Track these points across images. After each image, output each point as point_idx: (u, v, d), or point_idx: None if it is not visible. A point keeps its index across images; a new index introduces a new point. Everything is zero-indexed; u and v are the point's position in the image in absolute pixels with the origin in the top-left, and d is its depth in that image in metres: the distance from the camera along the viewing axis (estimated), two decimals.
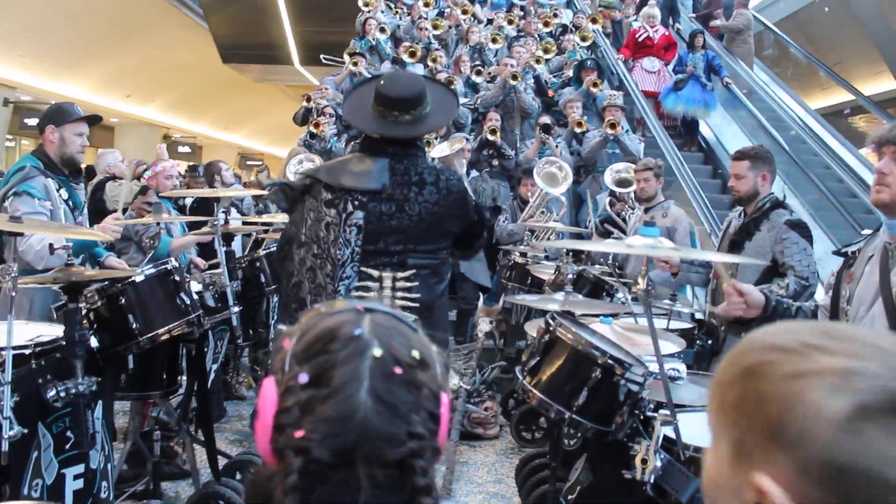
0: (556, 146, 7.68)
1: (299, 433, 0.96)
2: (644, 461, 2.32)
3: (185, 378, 3.94)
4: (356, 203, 2.87)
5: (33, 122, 19.65)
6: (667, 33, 10.44)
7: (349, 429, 0.95)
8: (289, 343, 1.04)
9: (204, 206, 6.12)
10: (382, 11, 11.43)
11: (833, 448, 0.74)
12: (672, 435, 2.37)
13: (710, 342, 4.04)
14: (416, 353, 1.03)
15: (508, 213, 6.86)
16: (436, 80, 4.18)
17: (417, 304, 2.85)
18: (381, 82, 2.97)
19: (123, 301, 3.07)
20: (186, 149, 28.11)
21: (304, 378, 0.99)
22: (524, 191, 6.94)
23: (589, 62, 9.21)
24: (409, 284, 2.88)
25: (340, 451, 0.95)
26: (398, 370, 1.00)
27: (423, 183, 2.91)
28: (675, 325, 3.96)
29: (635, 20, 11.27)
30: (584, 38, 10.16)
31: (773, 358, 0.81)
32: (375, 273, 2.88)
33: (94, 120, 4.13)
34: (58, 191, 3.82)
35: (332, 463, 0.96)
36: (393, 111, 2.89)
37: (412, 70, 9.48)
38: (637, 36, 10.26)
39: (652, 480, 2.32)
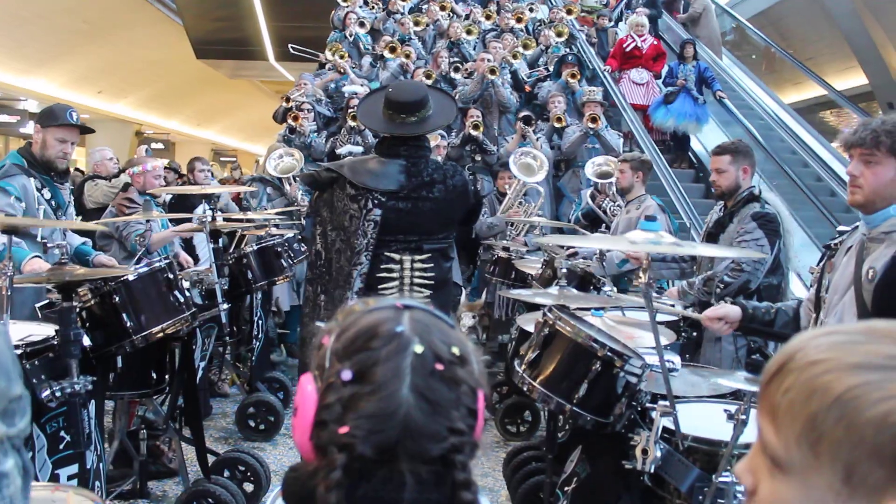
0: (537, 139, 7.71)
1: (343, 429, 0.97)
2: (644, 451, 2.35)
3: (171, 376, 3.92)
4: (375, 202, 3.32)
5: (2, 118, 19.39)
6: (655, 43, 10.02)
7: (392, 425, 0.96)
8: (328, 340, 1.04)
9: (183, 204, 6.07)
10: (360, 7, 11.39)
11: None
12: (671, 426, 2.40)
13: (694, 333, 4.09)
14: (455, 350, 1.04)
15: (487, 207, 6.89)
16: (437, 88, 4.90)
17: (432, 282, 3.41)
18: (390, 90, 3.45)
19: (117, 299, 3.04)
20: (159, 145, 27.83)
21: (347, 374, 0.99)
22: (501, 184, 6.96)
23: (570, 57, 9.23)
24: (425, 266, 3.41)
25: (384, 447, 0.96)
26: (439, 366, 1.01)
27: (433, 182, 3.37)
28: (660, 317, 3.99)
29: (612, 26, 11.14)
30: (559, 34, 10.19)
31: (866, 379, 0.78)
32: (397, 256, 3.39)
33: (85, 130, 4.05)
34: (40, 190, 3.76)
35: (376, 459, 0.96)
36: (401, 114, 3.33)
37: (392, 64, 9.51)
38: (625, 46, 9.85)
39: (652, 470, 2.35)
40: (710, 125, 9.59)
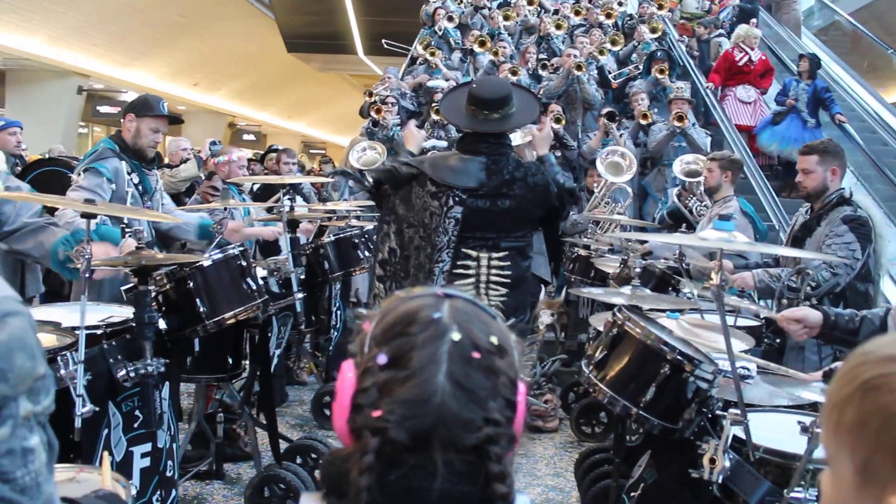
0: (620, 135, 7.57)
1: (377, 413, 0.96)
2: (712, 461, 2.26)
3: (248, 362, 4.00)
4: (456, 199, 3.33)
5: (105, 109, 20.21)
6: (763, 57, 9.09)
7: (426, 411, 0.95)
8: (369, 326, 1.04)
9: (266, 194, 6.21)
10: (450, 1, 11.43)
11: None
12: (742, 435, 2.31)
13: (777, 340, 3.94)
14: (494, 339, 1.02)
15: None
16: (521, 86, 4.67)
17: (509, 280, 3.39)
18: (474, 85, 3.45)
19: (191, 284, 3.11)
20: (251, 137, 28.54)
21: (382, 359, 0.99)
22: (590, 181, 6.86)
23: (660, 53, 9.01)
24: (502, 263, 3.39)
25: (417, 433, 0.95)
26: (476, 355, 0.99)
27: (513, 180, 3.35)
28: (742, 322, 3.86)
29: (718, 35, 10.26)
30: (653, 30, 9.91)
31: (893, 370, 0.76)
32: (474, 253, 3.39)
33: (174, 120, 4.20)
34: (129, 175, 3.89)
35: (409, 445, 0.95)
36: (483, 110, 3.33)
37: (482, 59, 9.50)
38: (736, 60, 8.87)
39: (720, 481, 2.26)
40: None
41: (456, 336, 0.99)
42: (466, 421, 0.96)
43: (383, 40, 12.99)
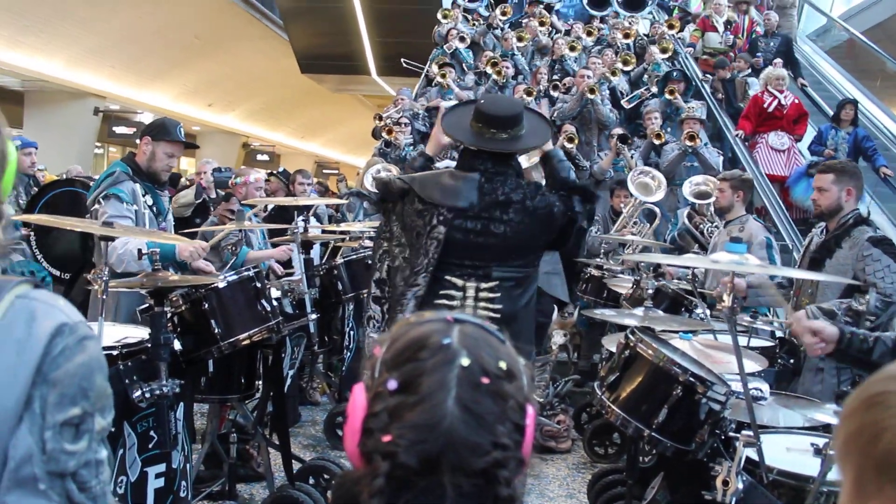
0: (632, 157, 7.58)
1: (387, 437, 0.97)
2: (725, 483, 2.26)
3: (261, 383, 4.02)
4: (441, 218, 2.97)
5: (121, 130, 20.40)
6: (796, 101, 8.35)
7: (435, 436, 0.96)
8: (379, 350, 1.06)
9: (281, 215, 6.24)
10: (462, 22, 11.53)
11: None
12: (755, 457, 2.31)
13: (791, 361, 3.93)
14: (503, 364, 1.03)
15: (600, 224, 6.78)
16: (533, 109, 4.32)
17: (499, 315, 2.89)
18: (482, 102, 3.13)
19: (206, 306, 3.15)
20: (265, 157, 28.70)
21: (393, 384, 1.00)
22: (617, 202, 6.84)
23: (675, 73, 9.01)
24: (491, 295, 2.95)
25: (426, 457, 0.96)
26: (485, 380, 1.00)
27: (509, 202, 2.98)
28: (755, 342, 3.85)
29: (746, 75, 9.76)
30: (664, 51, 9.91)
31: (894, 387, 0.77)
32: (459, 282, 2.97)
33: (190, 145, 4.23)
34: (143, 196, 3.93)
35: (418, 469, 0.96)
36: (491, 128, 3.01)
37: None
38: (764, 105, 8.23)
39: (733, 503, 2.26)
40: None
41: (465, 361, 1.00)
42: (475, 445, 0.97)
43: (402, 59, 13.07)
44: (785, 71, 8.72)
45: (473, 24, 11.91)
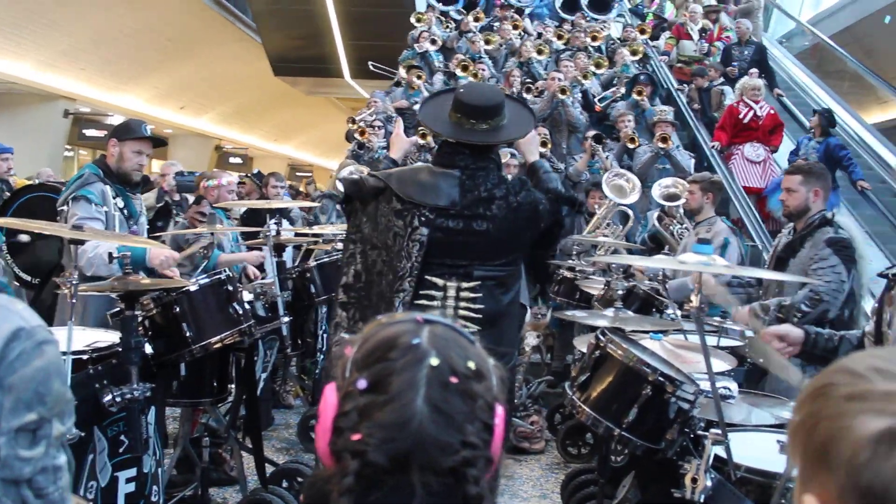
0: (606, 158, 7.63)
1: (356, 436, 0.99)
2: (694, 480, 2.29)
3: (234, 386, 4.00)
4: (423, 219, 2.87)
5: (92, 132, 20.19)
6: (772, 111, 8.24)
7: (405, 435, 0.97)
8: (350, 350, 1.07)
9: (254, 218, 6.21)
10: (435, 25, 11.55)
11: (865, 471, 0.73)
12: (723, 454, 2.34)
13: (760, 360, 3.97)
14: (472, 364, 1.04)
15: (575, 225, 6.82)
16: (514, 97, 4.17)
17: (480, 315, 2.85)
18: (461, 90, 3.01)
19: (178, 309, 3.14)
20: (238, 160, 28.55)
21: (362, 384, 1.01)
22: (592, 203, 6.88)
23: (643, 77, 9.10)
24: (473, 295, 2.87)
25: (396, 456, 0.97)
26: (454, 380, 1.02)
27: (491, 199, 2.89)
28: (725, 342, 3.90)
29: (720, 84, 9.68)
30: (634, 52, 10.02)
31: (838, 379, 0.79)
32: (440, 282, 2.88)
33: (158, 142, 4.22)
34: (114, 198, 3.91)
35: (388, 468, 0.98)
36: (470, 119, 2.90)
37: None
38: (740, 116, 8.13)
39: (702, 500, 2.29)
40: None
41: (434, 361, 1.02)
42: (444, 444, 0.98)
43: (370, 63, 13.04)
44: (761, 81, 8.69)
45: (447, 27, 11.93)
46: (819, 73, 11.74)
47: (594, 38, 10.75)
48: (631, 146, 7.83)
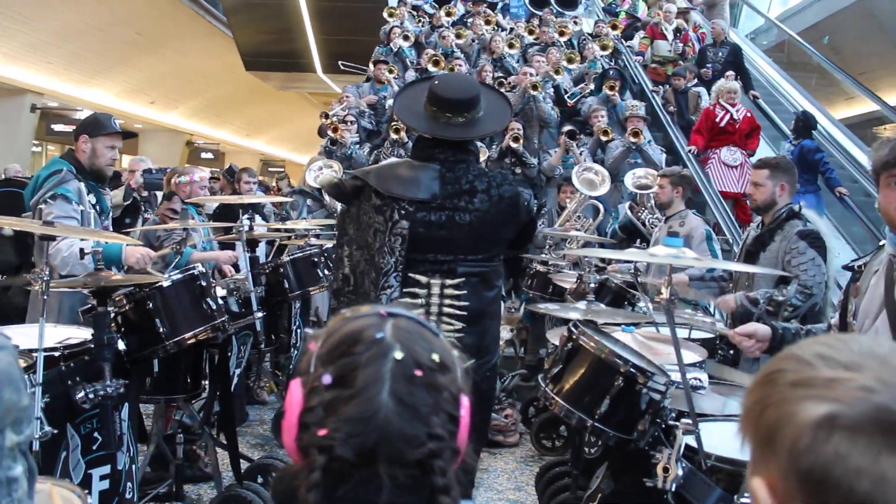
0: (580, 153, 7.68)
1: (322, 431, 0.99)
2: (666, 470, 2.32)
3: (208, 382, 3.99)
4: (403, 213, 2.82)
5: (60, 127, 19.94)
6: (749, 114, 8.14)
7: (371, 429, 0.98)
8: (315, 346, 1.08)
9: (226, 213, 6.19)
10: (408, 21, 11.53)
11: (806, 455, 0.75)
12: (694, 444, 2.38)
13: (731, 352, 4.03)
14: (436, 357, 1.06)
15: (546, 219, 6.88)
16: (490, 86, 4.09)
17: (465, 312, 2.83)
18: (436, 82, 2.96)
19: (151, 305, 3.12)
20: (209, 155, 28.33)
21: (327, 379, 1.02)
22: (563, 197, 6.94)
23: (612, 72, 9.16)
24: (457, 292, 2.84)
25: (362, 450, 0.98)
26: (418, 373, 1.03)
27: (473, 191, 2.86)
28: (696, 334, 3.95)
29: (693, 86, 9.58)
30: (604, 48, 10.09)
31: (786, 366, 0.82)
32: (423, 279, 2.85)
33: (128, 135, 4.18)
34: (88, 195, 3.87)
35: (355, 462, 0.99)
36: (446, 112, 2.87)
37: None
38: (717, 119, 8.02)
39: (673, 489, 2.32)
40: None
41: (398, 355, 1.03)
42: (410, 437, 0.99)
43: (340, 62, 13.01)
44: (737, 84, 8.62)
45: (419, 22, 11.91)
46: (787, 68, 11.88)
47: (562, 34, 10.80)
48: (604, 139, 7.90)
